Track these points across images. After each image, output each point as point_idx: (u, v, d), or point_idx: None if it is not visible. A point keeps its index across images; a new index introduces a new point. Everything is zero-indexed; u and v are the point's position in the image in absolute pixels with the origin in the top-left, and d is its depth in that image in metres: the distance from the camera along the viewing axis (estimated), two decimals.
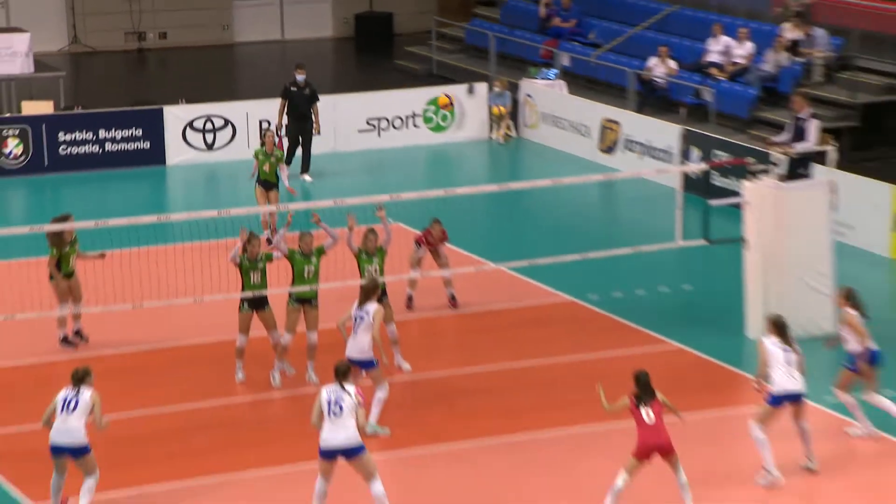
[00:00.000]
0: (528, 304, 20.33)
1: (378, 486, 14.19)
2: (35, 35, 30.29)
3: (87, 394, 14.23)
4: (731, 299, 19.53)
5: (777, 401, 15.31)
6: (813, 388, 16.16)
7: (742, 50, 28.23)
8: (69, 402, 14.20)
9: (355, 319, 16.31)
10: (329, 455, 14.10)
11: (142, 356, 18.74)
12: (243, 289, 17.61)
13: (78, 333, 19.13)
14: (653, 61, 29.12)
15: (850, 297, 16.24)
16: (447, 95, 27.30)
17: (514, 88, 29.61)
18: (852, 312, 16.09)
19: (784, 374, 15.26)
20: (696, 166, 23.83)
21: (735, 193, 21.02)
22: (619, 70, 29.85)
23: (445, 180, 25.19)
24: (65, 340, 19.00)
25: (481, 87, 29.59)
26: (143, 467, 15.68)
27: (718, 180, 24.37)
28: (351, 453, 14.07)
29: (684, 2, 31.18)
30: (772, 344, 15.43)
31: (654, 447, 14.40)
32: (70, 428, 14.14)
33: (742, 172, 20.22)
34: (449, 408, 17.06)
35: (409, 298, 19.94)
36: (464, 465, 15.70)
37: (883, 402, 16.07)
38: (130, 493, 15.14)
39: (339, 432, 14.02)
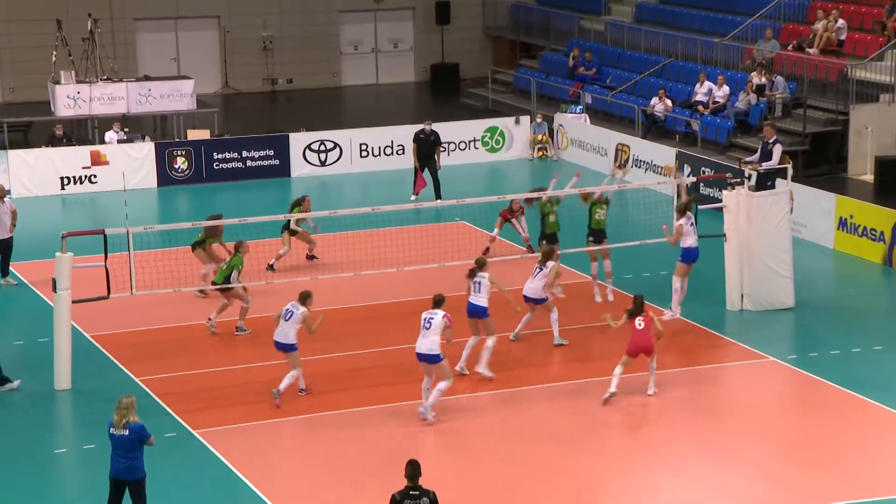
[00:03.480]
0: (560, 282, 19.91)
1: (442, 385, 14.12)
2: (197, 81, 30.44)
3: (301, 309, 14.86)
4: (714, 280, 19.14)
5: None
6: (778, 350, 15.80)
7: (721, 92, 27.76)
8: (288, 313, 14.91)
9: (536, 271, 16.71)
10: (418, 358, 14.25)
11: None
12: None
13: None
14: (654, 100, 28.69)
15: (681, 209, 17.42)
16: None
17: (549, 121, 29.33)
18: (679, 222, 17.29)
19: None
20: (687, 179, 23.40)
21: (717, 200, 20.65)
22: (629, 106, 29.47)
23: (498, 189, 24.85)
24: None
25: (525, 120, 29.33)
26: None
27: (704, 189, 23.91)
28: (431, 359, 14.11)
29: (678, 55, 30.77)
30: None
31: (640, 348, 14.96)
32: (285, 332, 14.89)
33: (722, 184, 19.84)
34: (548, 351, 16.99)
35: (487, 249, 20.53)
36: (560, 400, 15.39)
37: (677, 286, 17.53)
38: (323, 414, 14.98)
39: (423, 343, 14.13)
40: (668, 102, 28.46)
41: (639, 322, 15.10)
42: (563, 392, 15.79)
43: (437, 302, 14.61)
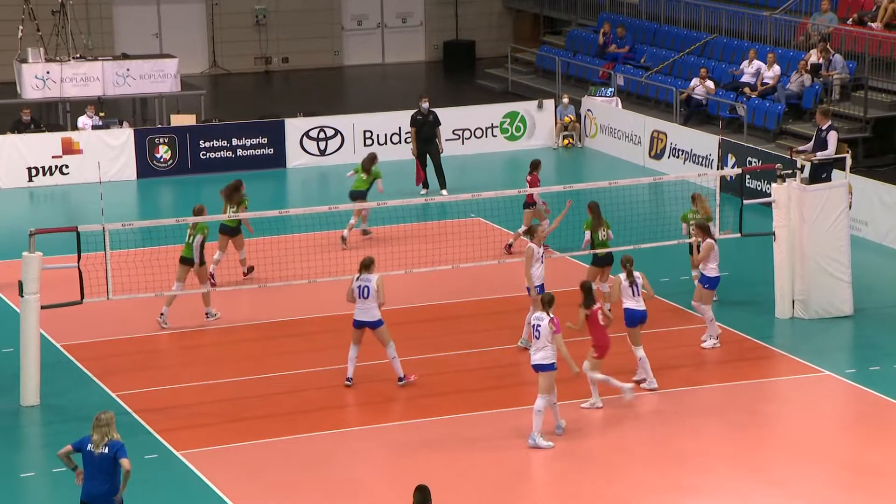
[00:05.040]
0: None
1: (553, 398, 14.62)
2: (182, 60, 30.54)
3: (374, 278, 15.70)
4: (762, 284, 19.11)
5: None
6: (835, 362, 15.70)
7: (770, 72, 27.69)
8: (364, 289, 15.74)
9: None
10: (535, 369, 14.63)
11: (269, 327, 18.61)
12: None
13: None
14: (695, 81, 28.66)
15: (705, 228, 17.42)
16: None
17: (576, 105, 29.33)
18: (710, 241, 17.28)
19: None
20: (731, 170, 23.36)
21: (765, 194, 20.62)
22: (666, 89, 29.44)
23: (519, 182, 24.82)
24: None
25: (549, 104, 29.35)
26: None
27: (751, 182, 23.87)
28: (545, 368, 14.52)
29: (721, 31, 30.71)
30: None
31: (608, 345, 15.32)
32: (367, 309, 15.79)
33: (771, 176, 19.80)
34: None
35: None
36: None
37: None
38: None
39: (537, 353, 14.54)
40: (711, 84, 28.40)
41: (602, 315, 15.25)
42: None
43: (546, 302, 14.72)
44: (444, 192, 24.96)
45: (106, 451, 12.06)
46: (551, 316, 14.58)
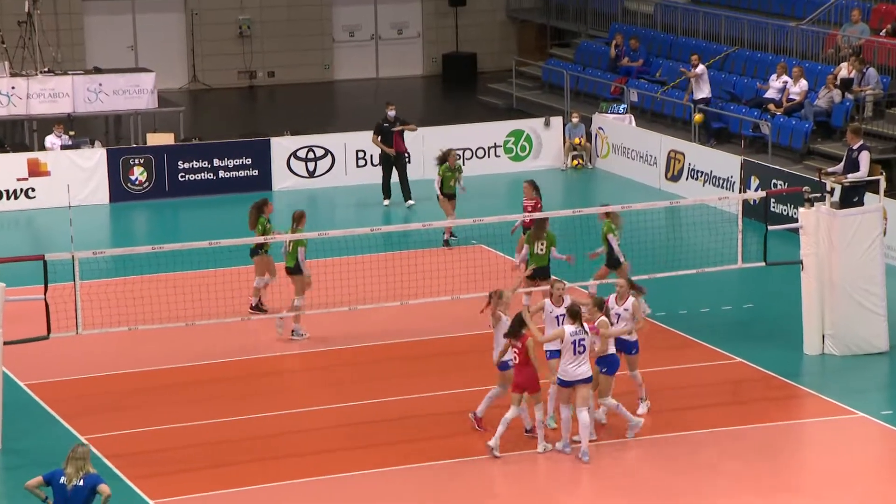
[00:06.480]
0: None
1: (584, 415, 15.08)
2: (159, 74, 30.70)
3: (504, 319, 15.66)
4: (789, 317, 19.07)
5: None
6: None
7: (797, 87, 27.72)
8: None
9: None
10: (569, 384, 15.09)
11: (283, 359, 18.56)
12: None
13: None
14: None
15: (599, 306, 15.87)
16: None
17: (586, 122, 29.38)
18: (604, 319, 15.98)
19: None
20: (755, 194, 23.34)
21: (792, 219, 20.60)
22: (683, 105, 29.46)
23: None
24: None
25: (556, 121, 29.39)
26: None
27: (776, 207, 23.85)
28: (584, 382, 15.14)
29: (743, 43, 30.76)
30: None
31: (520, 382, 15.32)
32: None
33: (798, 200, 19.77)
34: None
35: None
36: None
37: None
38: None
39: (582, 368, 15.08)
40: (700, 67, 28.51)
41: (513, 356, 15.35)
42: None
43: (576, 314, 15.26)
44: (409, 203, 25.80)
45: (81, 483, 12.24)
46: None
